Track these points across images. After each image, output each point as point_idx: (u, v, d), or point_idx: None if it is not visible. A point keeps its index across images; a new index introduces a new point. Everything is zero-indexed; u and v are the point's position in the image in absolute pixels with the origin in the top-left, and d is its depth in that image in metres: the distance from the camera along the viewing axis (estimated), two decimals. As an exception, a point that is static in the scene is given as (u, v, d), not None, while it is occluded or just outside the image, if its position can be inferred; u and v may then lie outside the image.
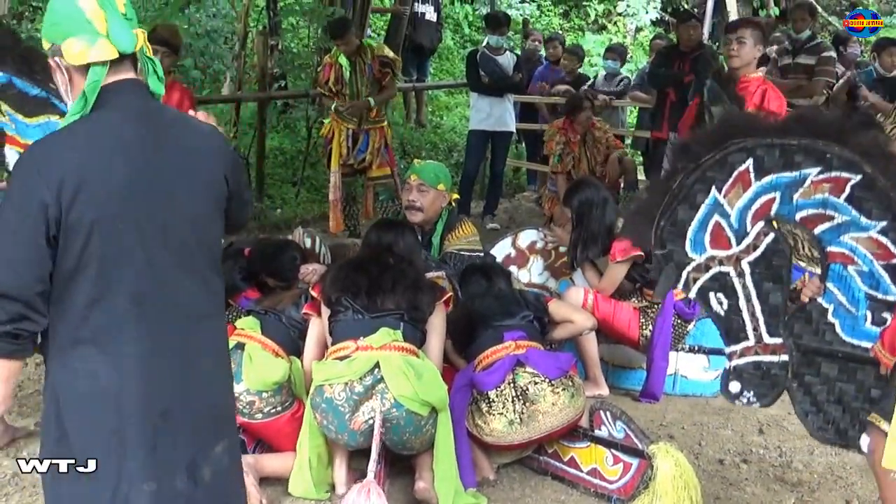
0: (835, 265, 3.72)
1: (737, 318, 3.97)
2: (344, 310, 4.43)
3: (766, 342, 3.93)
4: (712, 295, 4.00)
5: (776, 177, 3.76)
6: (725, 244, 3.92)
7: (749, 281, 3.92)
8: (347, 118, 8.78)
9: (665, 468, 4.07)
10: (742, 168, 3.81)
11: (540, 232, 6.47)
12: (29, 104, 4.54)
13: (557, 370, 4.54)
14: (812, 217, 3.72)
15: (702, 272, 3.98)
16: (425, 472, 4.32)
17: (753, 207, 3.84)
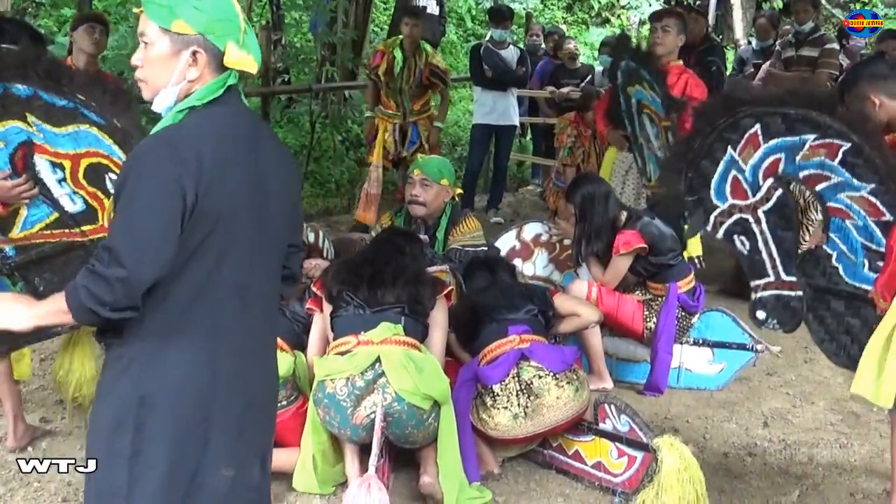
0: (835, 219, 4.31)
1: (758, 257, 4.58)
2: (345, 305, 4.44)
3: (783, 279, 4.52)
4: (736, 237, 4.63)
5: (780, 140, 4.38)
6: (743, 195, 4.55)
7: (765, 227, 4.53)
8: (392, 114, 8.78)
9: (670, 461, 4.06)
10: (752, 131, 4.45)
11: (545, 225, 6.46)
12: (56, 115, 4.59)
13: (562, 364, 4.55)
14: (813, 177, 4.33)
15: (726, 217, 4.62)
16: (430, 466, 4.32)
17: (763, 165, 4.46)
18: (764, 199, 4.51)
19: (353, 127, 13.17)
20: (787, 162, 4.41)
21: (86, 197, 4.64)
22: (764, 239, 4.57)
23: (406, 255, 4.74)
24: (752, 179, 4.52)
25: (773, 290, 4.57)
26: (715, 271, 8.08)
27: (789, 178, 4.43)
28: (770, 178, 4.46)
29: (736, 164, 4.54)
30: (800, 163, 4.37)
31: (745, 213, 4.58)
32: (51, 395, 5.35)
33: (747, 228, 4.61)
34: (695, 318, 5.82)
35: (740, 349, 5.80)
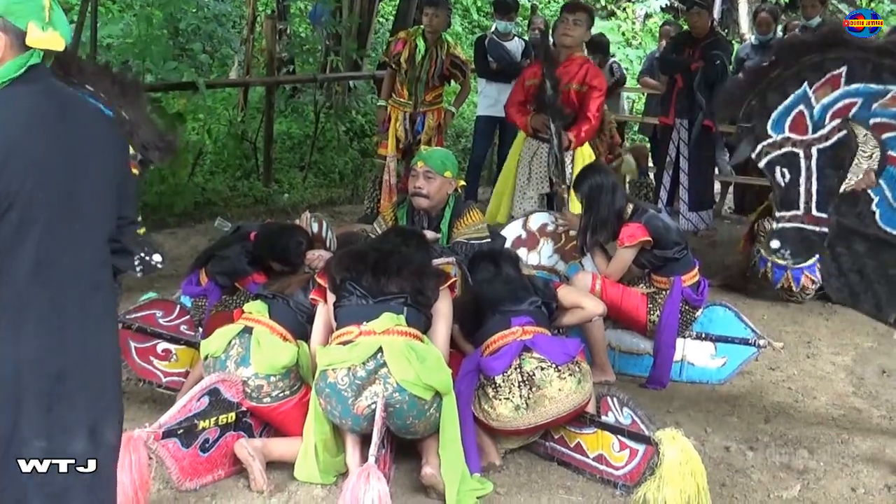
0: (891, 167, 4.54)
1: (794, 190, 4.71)
2: (348, 295, 4.43)
3: (813, 214, 4.68)
4: (778, 168, 4.74)
5: (864, 86, 4.54)
6: (803, 130, 4.67)
7: (814, 163, 4.66)
8: (404, 102, 8.77)
9: (671, 455, 4.07)
10: (836, 72, 4.58)
11: (551, 215, 6.46)
12: None
13: (564, 356, 4.54)
14: (883, 125, 4.53)
15: (775, 148, 4.74)
16: (432, 457, 4.32)
17: (836, 106, 4.60)
18: (824, 138, 4.64)
19: (358, 117, 13.16)
20: (862, 107, 4.55)
21: None
22: (808, 174, 4.69)
23: (411, 247, 4.74)
24: (818, 117, 4.64)
25: (798, 223, 4.73)
26: (719, 266, 8.09)
27: (858, 122, 4.58)
28: (838, 119, 4.60)
29: (807, 100, 4.65)
30: (875, 109, 4.52)
31: (798, 147, 4.69)
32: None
33: (793, 162, 4.72)
34: (698, 312, 5.82)
35: (743, 344, 5.79)
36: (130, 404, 5.19)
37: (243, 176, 11.18)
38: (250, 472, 4.26)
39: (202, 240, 8.52)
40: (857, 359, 6.38)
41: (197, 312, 5.47)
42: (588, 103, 7.10)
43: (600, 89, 7.22)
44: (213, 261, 5.50)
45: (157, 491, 4.18)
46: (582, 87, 7.10)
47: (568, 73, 7.11)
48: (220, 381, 4.40)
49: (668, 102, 9.59)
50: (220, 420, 4.35)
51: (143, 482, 3.84)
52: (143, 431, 3.97)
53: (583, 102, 7.11)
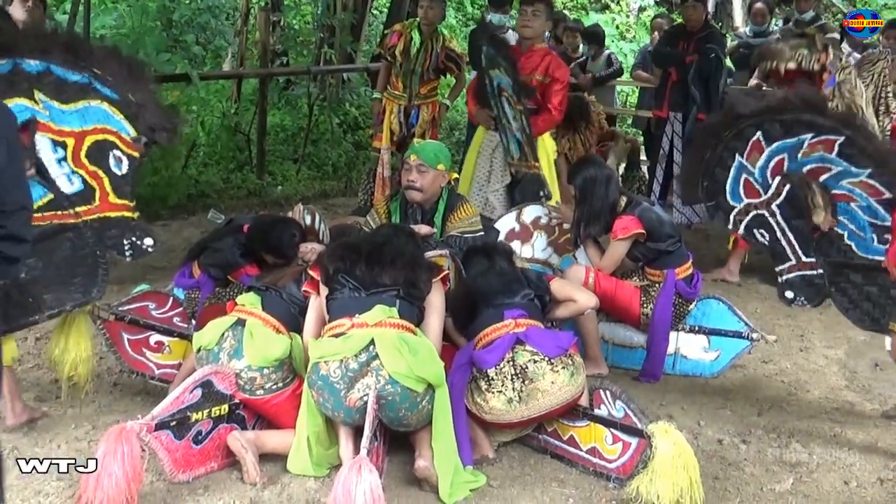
0: (841, 203, 4.91)
1: (778, 245, 5.18)
2: (340, 287, 4.43)
3: (804, 261, 5.11)
4: (755, 231, 5.25)
5: (781, 143, 5.02)
6: (756, 194, 5.17)
7: (779, 219, 5.13)
8: (398, 95, 8.75)
9: (664, 448, 4.07)
10: (754, 138, 5.10)
11: (544, 208, 6.45)
12: (67, 91, 4.62)
13: (557, 348, 4.54)
14: (815, 169, 4.95)
15: (744, 215, 5.25)
16: (425, 449, 4.32)
17: (770, 166, 5.09)
18: (775, 195, 5.11)
19: (351, 110, 13.14)
20: (790, 160, 5.01)
21: (85, 176, 4.64)
22: (781, 229, 5.15)
23: (403, 239, 4.73)
24: (761, 179, 5.13)
25: (797, 272, 5.15)
26: (713, 259, 8.09)
27: (794, 174, 5.01)
28: (777, 176, 5.07)
29: (745, 168, 5.17)
30: (801, 159, 4.97)
31: (760, 209, 5.18)
32: (46, 374, 5.35)
33: (764, 222, 5.20)
34: (691, 305, 5.82)
35: (736, 337, 5.79)
36: (123, 396, 5.21)
37: (237, 168, 11.18)
38: (243, 465, 4.27)
39: (195, 232, 8.52)
40: (850, 352, 6.39)
41: (190, 304, 5.46)
42: (550, 95, 7.13)
43: (562, 81, 7.25)
44: (206, 253, 5.49)
45: (149, 483, 4.18)
46: (545, 79, 7.12)
47: (530, 64, 7.14)
48: (213, 373, 4.39)
49: (662, 96, 9.56)
50: (212, 412, 4.35)
51: (135, 474, 3.83)
52: (136, 423, 3.96)
53: (545, 94, 7.16)
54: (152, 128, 4.77)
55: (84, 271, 4.69)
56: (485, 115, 7.22)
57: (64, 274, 4.65)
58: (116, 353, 5.13)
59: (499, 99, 6.77)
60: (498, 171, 7.34)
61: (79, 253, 4.70)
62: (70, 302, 4.68)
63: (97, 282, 4.72)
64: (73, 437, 4.65)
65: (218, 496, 4.16)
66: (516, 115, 6.64)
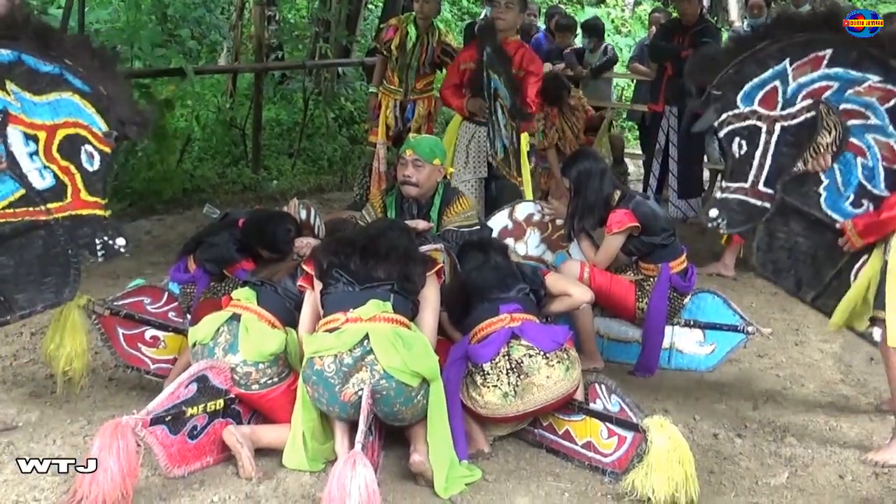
0: (848, 153, 4.68)
1: (747, 162, 4.84)
2: (334, 282, 4.43)
3: (759, 188, 4.83)
4: (737, 139, 4.86)
5: (844, 71, 4.65)
6: (772, 106, 4.79)
7: (774, 139, 4.80)
8: (394, 89, 8.74)
9: (659, 442, 4.07)
10: (820, 53, 4.68)
11: (537, 204, 6.45)
12: (39, 82, 4.55)
13: (552, 343, 4.54)
14: (852, 111, 4.66)
15: (739, 120, 4.84)
16: (420, 444, 4.32)
17: (812, 86, 4.72)
18: (791, 116, 4.76)
19: (347, 104, 13.13)
20: (837, 91, 4.67)
21: (57, 171, 4.58)
22: (766, 149, 4.82)
23: (397, 233, 4.72)
24: (791, 94, 4.75)
25: (741, 195, 4.87)
26: (708, 254, 8.10)
27: (829, 105, 4.69)
28: (809, 100, 4.72)
29: (784, 76, 4.75)
30: (848, 96, 4.65)
31: (762, 122, 4.81)
32: (41, 369, 5.34)
33: (754, 135, 4.84)
34: (686, 299, 5.83)
35: (731, 331, 5.80)
36: (119, 391, 5.21)
37: (232, 163, 11.17)
38: (239, 459, 4.26)
39: (190, 226, 8.51)
40: (845, 346, 6.39)
41: (185, 299, 5.46)
42: (527, 88, 7.12)
43: (537, 74, 7.27)
44: (201, 248, 5.48)
45: (145, 478, 4.17)
46: (519, 72, 7.11)
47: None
48: (208, 367, 4.39)
49: (658, 90, 9.58)
50: (208, 407, 4.35)
51: (130, 469, 3.83)
52: (131, 418, 3.96)
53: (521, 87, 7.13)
54: (122, 121, 4.70)
55: (56, 271, 4.68)
56: (479, 104, 7.20)
57: (36, 273, 4.64)
58: (111, 348, 5.12)
59: (493, 101, 6.77)
60: (472, 162, 7.36)
61: (51, 252, 4.67)
62: (42, 303, 4.69)
63: (69, 282, 4.72)
64: (69, 432, 4.65)
65: (213, 491, 4.16)
66: (507, 126, 6.66)
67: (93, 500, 3.77)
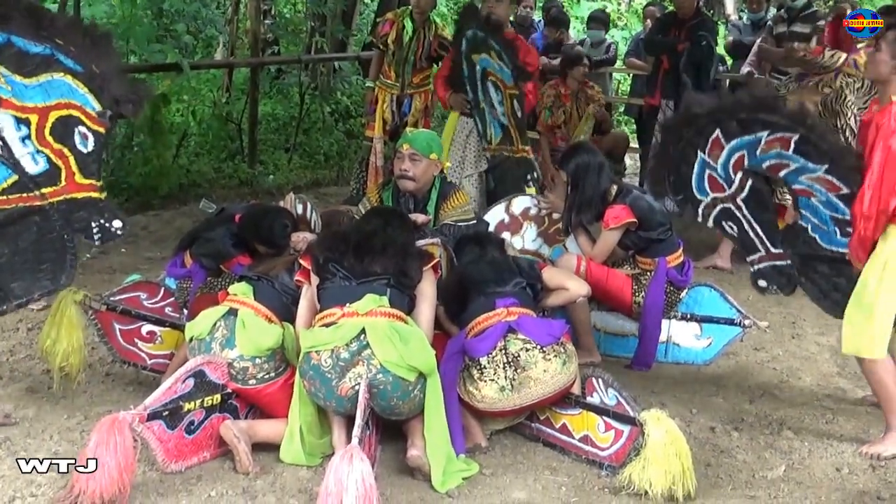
0: (801, 197, 4.94)
1: (747, 236, 5.19)
2: (331, 276, 4.43)
3: (772, 251, 5.12)
4: (724, 223, 5.23)
5: (739, 140, 5.00)
6: (720, 188, 5.15)
7: (745, 212, 5.14)
8: (391, 84, 8.72)
9: (656, 435, 4.08)
10: (714, 136, 5.07)
11: (534, 198, 6.44)
12: (29, 63, 4.49)
13: (549, 337, 4.54)
14: (775, 165, 4.95)
15: (711, 208, 5.23)
16: (417, 438, 4.32)
17: (731, 161, 5.07)
18: (739, 189, 5.11)
19: (343, 99, 13.13)
20: (749, 156, 5.00)
21: (50, 155, 4.52)
22: (748, 221, 5.15)
23: (393, 228, 4.72)
24: (724, 175, 5.11)
25: (767, 262, 5.15)
26: (704, 247, 8.09)
27: (755, 170, 5.03)
28: (739, 172, 5.06)
29: (708, 164, 5.13)
30: (760, 156, 4.97)
31: (727, 202, 5.17)
32: (37, 365, 5.33)
33: (731, 215, 5.19)
34: (683, 292, 5.83)
35: (728, 324, 5.80)
36: (115, 386, 5.21)
37: (228, 157, 11.16)
38: (236, 454, 4.26)
39: (187, 221, 8.51)
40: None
41: (181, 294, 5.45)
42: None
43: (533, 65, 7.27)
44: (197, 243, 5.47)
45: (142, 473, 4.17)
46: None
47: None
48: (205, 362, 4.39)
49: (654, 83, 9.58)
50: (205, 402, 4.35)
51: (127, 464, 3.83)
52: (128, 413, 3.95)
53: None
54: (117, 100, 4.64)
55: (52, 257, 4.62)
56: (459, 100, 7.20)
57: (31, 261, 4.59)
58: (108, 344, 5.12)
59: (482, 84, 6.75)
60: (472, 157, 7.38)
61: (46, 237, 4.60)
62: (38, 290, 4.64)
63: (66, 268, 4.66)
64: (66, 427, 4.65)
65: (211, 486, 4.15)
66: (503, 99, 6.65)
67: (90, 495, 3.77)
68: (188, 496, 4.07)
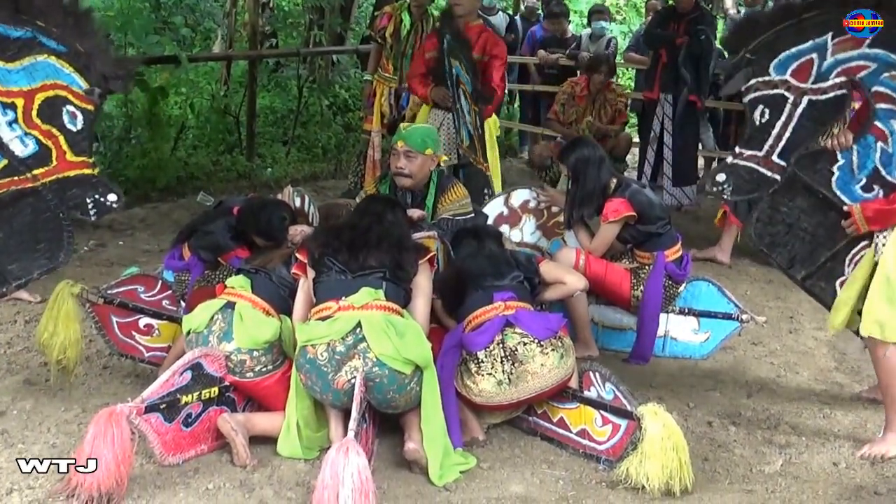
0: (870, 136, 4.60)
1: (766, 131, 4.77)
2: (327, 270, 4.43)
3: (772, 159, 4.78)
4: (760, 106, 4.77)
5: (885, 53, 4.54)
6: (804, 78, 4.69)
7: (799, 111, 4.70)
8: (389, 77, 8.70)
9: (653, 430, 4.08)
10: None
11: (533, 191, 6.44)
12: (11, 48, 4.49)
13: (547, 331, 4.54)
14: (883, 94, 4.56)
15: (767, 87, 4.75)
16: (414, 432, 4.32)
17: (849, 64, 4.61)
18: (821, 91, 4.67)
19: (341, 92, 13.11)
20: (873, 72, 4.57)
21: (38, 137, 4.55)
22: (788, 120, 4.74)
23: (388, 221, 4.72)
24: (826, 69, 4.66)
25: (753, 163, 4.82)
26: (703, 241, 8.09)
27: (860, 85, 4.60)
28: (843, 77, 4.62)
29: (824, 50, 4.64)
30: (883, 79, 4.55)
31: (791, 92, 4.71)
32: (35, 357, 5.33)
33: (779, 105, 4.75)
34: (681, 287, 5.83)
35: (726, 319, 5.81)
36: (112, 379, 5.21)
37: (226, 150, 11.15)
38: (233, 447, 4.26)
39: (185, 214, 8.50)
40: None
41: (179, 287, 5.45)
42: (492, 73, 7.11)
43: (501, 58, 7.26)
44: (195, 235, 5.47)
45: (139, 466, 4.17)
46: (483, 57, 7.09)
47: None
48: (202, 355, 4.39)
49: (653, 77, 9.58)
50: (202, 395, 4.34)
51: (125, 457, 3.82)
52: (126, 406, 3.95)
53: (486, 72, 7.13)
54: (105, 77, 4.65)
55: (48, 236, 4.66)
56: (443, 94, 7.17)
57: (28, 241, 4.63)
58: (106, 337, 5.11)
59: (456, 89, 6.75)
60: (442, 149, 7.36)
61: (41, 217, 4.64)
62: (37, 269, 4.69)
63: (63, 245, 4.70)
64: (63, 420, 4.64)
65: (208, 478, 4.15)
66: (470, 111, 6.65)
67: (87, 488, 3.77)
68: (185, 489, 4.07)
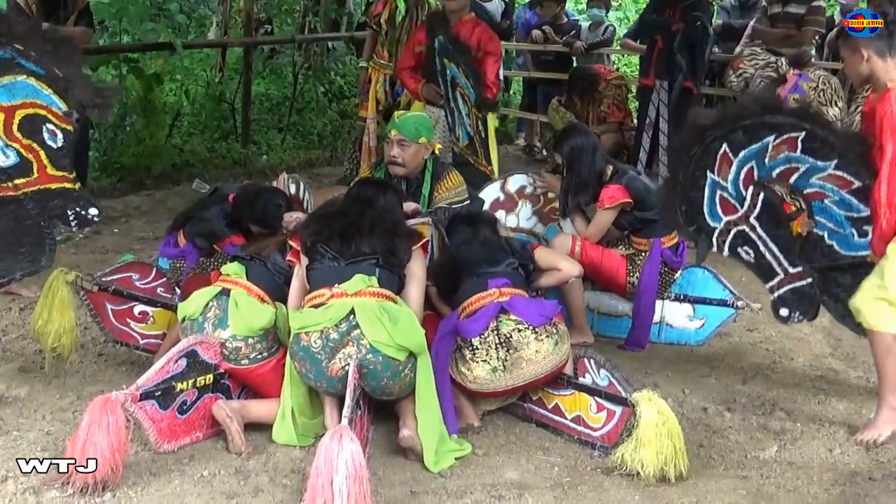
0: (815, 202, 4.78)
1: (764, 260, 4.95)
2: (320, 257, 4.42)
3: (791, 272, 4.91)
4: (740, 249, 4.98)
5: (747, 150, 4.81)
6: (733, 210, 4.93)
7: (760, 231, 4.91)
8: (384, 64, 8.68)
9: (648, 416, 4.08)
10: (721, 151, 4.85)
11: (529, 177, 6.43)
12: None
13: (541, 317, 4.54)
14: (784, 171, 4.79)
15: (725, 235, 4.98)
16: (409, 419, 4.32)
17: (741, 177, 4.86)
18: (751, 207, 4.90)
19: (336, 78, 13.08)
20: (759, 167, 4.83)
21: (20, 149, 4.60)
22: (763, 242, 4.93)
23: (380, 207, 4.71)
24: (735, 193, 4.90)
25: (787, 285, 4.93)
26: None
27: (765, 181, 4.86)
28: (750, 187, 4.87)
29: (718, 184, 4.91)
30: (769, 164, 4.80)
31: (740, 224, 4.94)
32: (30, 345, 5.33)
33: (746, 238, 4.96)
34: (677, 273, 5.83)
35: (721, 305, 5.82)
36: (108, 366, 5.21)
37: (221, 137, 11.14)
38: (228, 434, 4.26)
39: (180, 201, 8.50)
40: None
41: (174, 274, 5.45)
42: (486, 69, 7.04)
43: (496, 54, 7.21)
44: (191, 223, 5.46)
45: (134, 453, 4.16)
46: (477, 53, 7.03)
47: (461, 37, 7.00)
48: (197, 342, 4.39)
49: (648, 64, 9.54)
50: (198, 382, 4.34)
51: (120, 444, 3.82)
52: (121, 393, 3.95)
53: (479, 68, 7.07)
54: (83, 104, 4.70)
55: (30, 241, 4.69)
56: (433, 90, 7.15)
57: (10, 243, 4.66)
58: (100, 324, 5.12)
59: (451, 90, 6.71)
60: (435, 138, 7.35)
61: (23, 224, 4.68)
62: (19, 271, 4.73)
63: (45, 251, 4.73)
64: (58, 407, 4.64)
65: (203, 465, 4.15)
66: (471, 114, 6.61)
67: (82, 475, 3.77)
68: (181, 476, 4.06)
